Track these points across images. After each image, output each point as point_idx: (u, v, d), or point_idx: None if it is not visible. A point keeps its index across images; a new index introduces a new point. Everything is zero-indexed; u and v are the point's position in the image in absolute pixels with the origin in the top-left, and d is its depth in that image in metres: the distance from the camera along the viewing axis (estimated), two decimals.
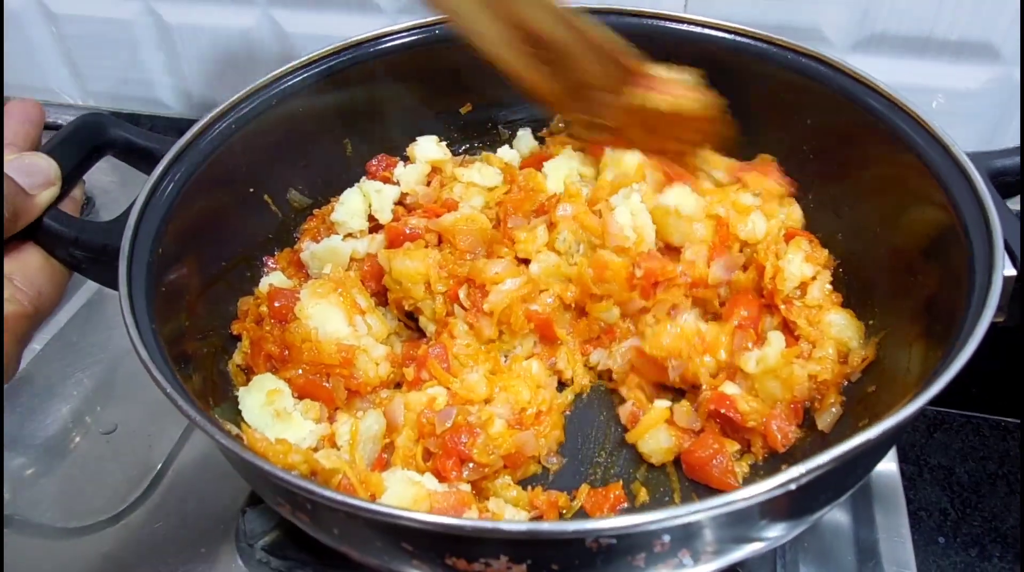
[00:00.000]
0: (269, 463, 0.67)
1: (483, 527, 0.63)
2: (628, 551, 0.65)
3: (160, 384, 0.71)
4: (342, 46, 1.08)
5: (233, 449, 0.67)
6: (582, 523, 0.61)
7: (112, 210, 1.49)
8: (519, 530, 0.62)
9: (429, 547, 0.66)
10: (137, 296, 0.78)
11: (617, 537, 0.62)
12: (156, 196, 0.87)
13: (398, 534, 0.66)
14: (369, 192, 1.09)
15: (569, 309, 1.02)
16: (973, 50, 1.17)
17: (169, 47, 1.56)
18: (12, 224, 0.77)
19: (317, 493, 0.63)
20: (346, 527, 0.70)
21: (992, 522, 1.13)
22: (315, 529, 0.74)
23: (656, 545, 0.64)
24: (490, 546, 0.63)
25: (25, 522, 1.04)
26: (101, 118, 0.90)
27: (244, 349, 0.97)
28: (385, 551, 0.69)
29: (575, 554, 0.64)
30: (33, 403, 1.18)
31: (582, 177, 1.11)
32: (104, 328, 1.28)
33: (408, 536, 0.65)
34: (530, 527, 0.63)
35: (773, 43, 1.04)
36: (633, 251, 0.98)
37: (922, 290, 0.88)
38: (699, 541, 0.67)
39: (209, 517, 1.02)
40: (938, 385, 0.66)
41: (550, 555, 0.65)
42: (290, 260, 1.09)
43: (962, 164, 0.84)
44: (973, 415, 1.25)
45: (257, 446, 0.79)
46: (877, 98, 0.95)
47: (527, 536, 0.62)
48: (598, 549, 0.63)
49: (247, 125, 0.98)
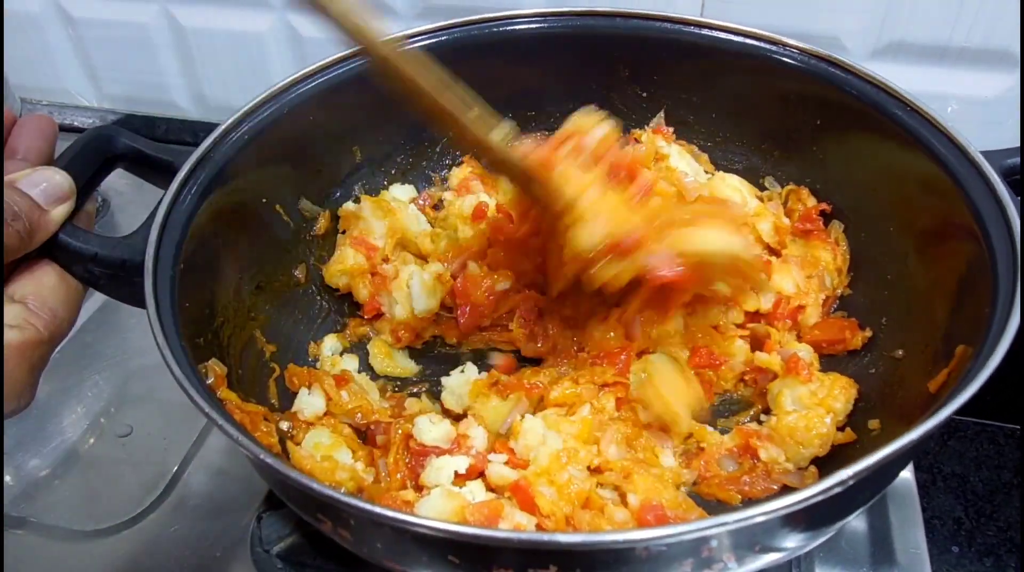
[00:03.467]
0: (318, 482, 0.65)
1: (539, 539, 0.63)
2: (676, 557, 0.65)
3: (204, 410, 0.70)
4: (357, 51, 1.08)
5: (281, 469, 0.66)
6: (635, 532, 0.61)
7: (128, 213, 1.49)
8: (574, 541, 0.62)
9: (477, 559, 0.66)
10: (164, 313, 0.77)
11: (668, 545, 0.63)
12: (175, 210, 0.86)
13: (446, 547, 0.66)
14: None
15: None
16: (991, 58, 1.16)
17: (185, 51, 1.57)
18: (28, 241, 0.75)
19: (374, 513, 0.62)
20: (391, 542, 0.69)
21: (1007, 532, 1.12)
22: (356, 545, 0.73)
23: (704, 551, 0.65)
24: (540, 556, 0.63)
25: (40, 524, 1.05)
26: (112, 130, 0.89)
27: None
28: (431, 565, 0.69)
29: (624, 561, 0.64)
30: (49, 404, 1.18)
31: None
32: (119, 331, 1.28)
33: (456, 549, 0.65)
34: (584, 538, 0.62)
35: (789, 47, 1.03)
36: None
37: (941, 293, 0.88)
38: (743, 546, 0.67)
39: (225, 521, 1.02)
40: (977, 382, 0.66)
41: (599, 563, 0.65)
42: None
43: (978, 164, 0.84)
44: (988, 423, 1.24)
45: (304, 465, 0.78)
46: (892, 101, 0.95)
47: (581, 547, 0.62)
48: (647, 556, 0.63)
49: (260, 134, 0.98)
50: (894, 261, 0.98)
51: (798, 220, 1.08)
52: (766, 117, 1.11)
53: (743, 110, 1.12)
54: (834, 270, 1.04)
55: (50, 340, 0.75)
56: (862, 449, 0.88)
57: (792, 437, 0.89)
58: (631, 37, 1.10)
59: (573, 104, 1.19)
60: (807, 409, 0.91)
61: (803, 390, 0.92)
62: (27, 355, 0.72)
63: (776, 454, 0.89)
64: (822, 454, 0.90)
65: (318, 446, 0.88)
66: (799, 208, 1.09)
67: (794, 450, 0.90)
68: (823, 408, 0.90)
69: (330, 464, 0.79)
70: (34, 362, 0.73)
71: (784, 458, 0.90)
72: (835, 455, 0.91)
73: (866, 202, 1.03)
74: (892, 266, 0.99)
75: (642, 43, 1.10)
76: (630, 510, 0.84)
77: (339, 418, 0.96)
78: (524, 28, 1.11)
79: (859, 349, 0.99)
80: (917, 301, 0.93)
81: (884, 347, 0.97)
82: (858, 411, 0.93)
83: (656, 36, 1.09)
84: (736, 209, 1.05)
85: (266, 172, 1.03)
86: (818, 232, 1.07)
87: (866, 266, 1.04)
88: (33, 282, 0.77)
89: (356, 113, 1.12)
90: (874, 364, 0.97)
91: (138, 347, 1.25)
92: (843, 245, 1.06)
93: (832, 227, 1.07)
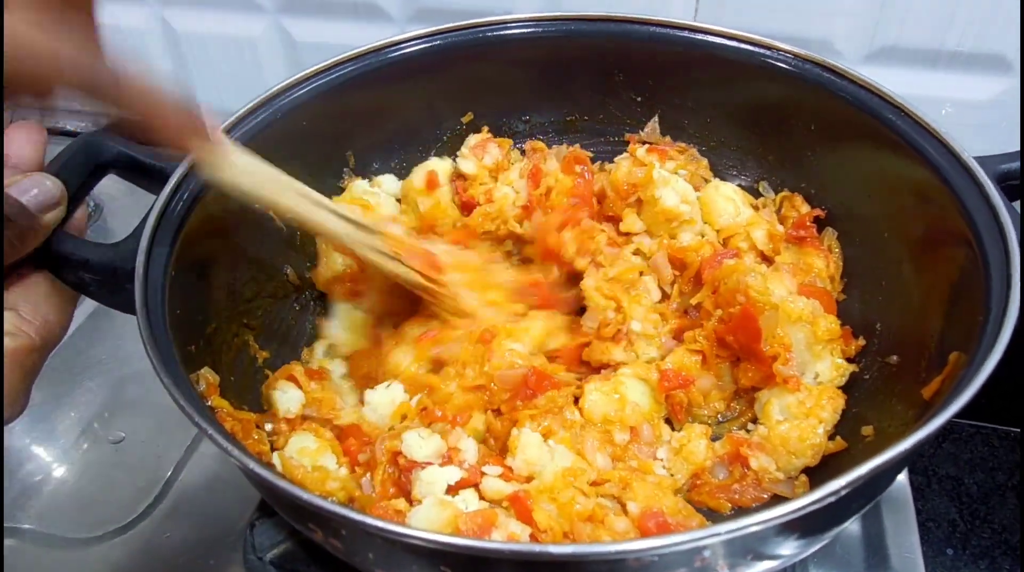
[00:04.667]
0: (308, 492, 0.65)
1: (531, 551, 0.63)
2: (669, 567, 0.65)
3: (192, 418, 0.69)
4: (351, 55, 1.08)
5: (270, 479, 0.66)
6: (627, 544, 0.61)
7: (121, 217, 1.49)
8: (566, 553, 0.62)
9: (469, 570, 0.66)
10: (155, 320, 0.77)
11: (660, 555, 0.63)
12: (166, 216, 0.85)
13: (438, 558, 0.66)
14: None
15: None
16: (984, 62, 1.16)
17: (178, 55, 1.56)
18: (19, 248, 0.74)
19: (366, 524, 0.62)
20: (383, 553, 0.69)
21: (1002, 534, 1.12)
22: (348, 554, 0.73)
23: (697, 560, 0.65)
24: (533, 568, 0.64)
25: (33, 531, 1.04)
26: (101, 137, 0.89)
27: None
28: None
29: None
30: (43, 411, 1.18)
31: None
32: (112, 337, 1.28)
33: (448, 560, 0.65)
34: (576, 549, 0.62)
35: (782, 51, 1.03)
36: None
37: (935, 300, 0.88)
38: (737, 555, 0.67)
39: (218, 528, 1.02)
40: (972, 389, 0.67)
41: None
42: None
43: (972, 170, 0.84)
44: (983, 425, 1.24)
45: (295, 474, 0.78)
46: (886, 106, 0.95)
47: (573, 558, 0.62)
48: (639, 567, 0.63)
49: (253, 139, 0.97)
50: (888, 267, 0.98)
51: (791, 227, 1.08)
52: (760, 121, 1.11)
53: (737, 114, 1.12)
54: (827, 277, 1.04)
55: (43, 347, 0.75)
56: (854, 456, 0.88)
57: (784, 447, 0.89)
58: (625, 42, 1.10)
59: (567, 109, 1.20)
60: (796, 419, 0.91)
61: (791, 400, 0.92)
62: (20, 362, 0.72)
63: (767, 463, 0.89)
64: (813, 464, 0.90)
65: (303, 451, 0.88)
66: (792, 215, 1.09)
67: (785, 460, 0.90)
68: (814, 418, 0.90)
69: (321, 474, 0.78)
70: (27, 369, 0.73)
71: (775, 468, 0.89)
72: (825, 463, 0.91)
73: (860, 207, 1.03)
74: (886, 272, 0.99)
75: (636, 48, 1.10)
76: (630, 518, 0.84)
77: (319, 422, 0.94)
78: (518, 33, 1.11)
79: (852, 357, 0.99)
80: (911, 307, 0.93)
81: (878, 353, 0.97)
82: (851, 418, 0.93)
83: (650, 41, 1.09)
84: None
85: None
86: (811, 239, 1.07)
87: (860, 273, 1.04)
88: (25, 289, 0.77)
89: (350, 117, 1.12)
90: (868, 370, 0.97)
91: (131, 353, 1.25)
92: (836, 252, 1.06)
93: (825, 234, 1.07)
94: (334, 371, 1.04)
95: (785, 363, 0.91)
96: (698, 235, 1.09)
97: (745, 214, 1.10)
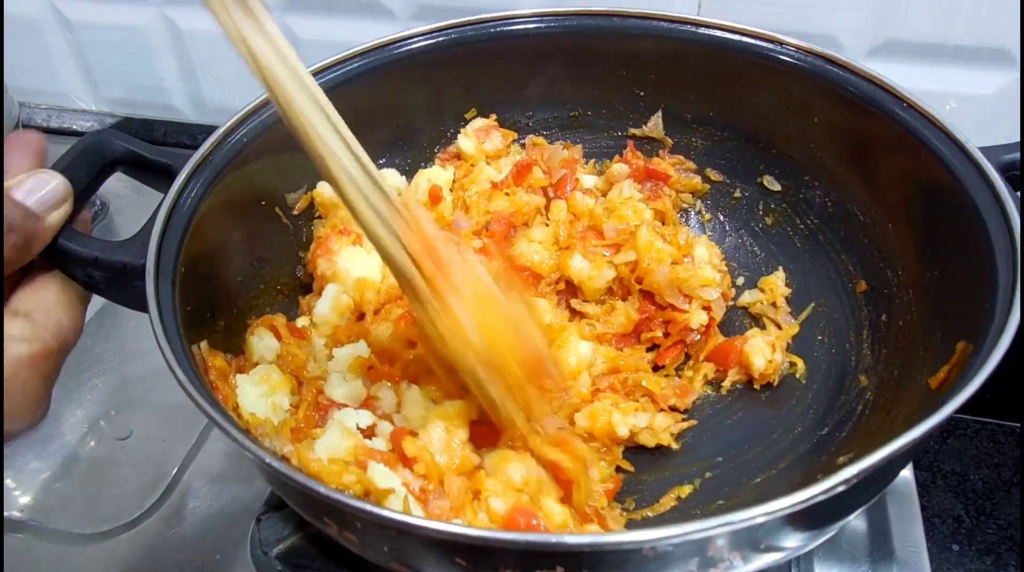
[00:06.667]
0: (325, 486, 0.65)
1: (545, 541, 0.63)
2: (683, 556, 0.65)
3: (210, 414, 0.69)
4: (354, 52, 1.08)
5: (287, 473, 0.65)
6: (642, 533, 0.61)
7: (126, 216, 1.50)
8: (581, 543, 0.62)
9: (484, 561, 0.66)
10: (166, 317, 0.76)
11: (674, 545, 0.63)
12: (175, 213, 0.85)
13: (453, 549, 0.66)
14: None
15: None
16: (988, 56, 1.16)
17: (183, 54, 1.57)
18: (25, 251, 0.73)
19: (383, 517, 0.62)
20: (398, 545, 0.69)
21: (1008, 530, 1.12)
22: (362, 547, 0.73)
23: (710, 549, 0.65)
24: (547, 558, 0.63)
25: (40, 527, 1.05)
26: (110, 134, 0.89)
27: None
28: (438, 566, 0.69)
29: (631, 561, 0.65)
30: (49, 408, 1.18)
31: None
32: (119, 334, 1.28)
33: (463, 551, 0.65)
34: (591, 539, 0.62)
35: (786, 45, 1.03)
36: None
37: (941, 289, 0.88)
38: (747, 545, 0.67)
39: (224, 523, 1.02)
40: (979, 378, 0.67)
41: (606, 564, 0.65)
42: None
43: (977, 161, 0.84)
44: (988, 421, 1.24)
45: (311, 467, 0.77)
46: (891, 99, 0.95)
47: (589, 548, 0.62)
48: (655, 556, 0.64)
49: (259, 137, 0.97)
50: (893, 258, 0.98)
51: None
52: (764, 115, 1.10)
53: (741, 109, 1.12)
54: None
55: (59, 350, 0.74)
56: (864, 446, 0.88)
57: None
58: (628, 37, 1.10)
59: (571, 105, 1.20)
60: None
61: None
62: (39, 367, 0.71)
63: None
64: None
65: (264, 377, 0.88)
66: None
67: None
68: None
69: (338, 467, 0.77)
70: (47, 374, 0.73)
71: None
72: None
73: (865, 199, 1.03)
74: (892, 263, 0.99)
75: (639, 43, 1.10)
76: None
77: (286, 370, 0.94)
78: (521, 28, 1.11)
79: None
80: (917, 297, 0.93)
81: (884, 343, 0.97)
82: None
83: (653, 35, 1.09)
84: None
85: (265, 174, 1.03)
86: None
87: (865, 264, 1.04)
88: (37, 293, 0.76)
89: (353, 115, 1.10)
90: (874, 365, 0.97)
91: (137, 350, 1.25)
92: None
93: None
94: (317, 342, 1.04)
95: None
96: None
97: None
